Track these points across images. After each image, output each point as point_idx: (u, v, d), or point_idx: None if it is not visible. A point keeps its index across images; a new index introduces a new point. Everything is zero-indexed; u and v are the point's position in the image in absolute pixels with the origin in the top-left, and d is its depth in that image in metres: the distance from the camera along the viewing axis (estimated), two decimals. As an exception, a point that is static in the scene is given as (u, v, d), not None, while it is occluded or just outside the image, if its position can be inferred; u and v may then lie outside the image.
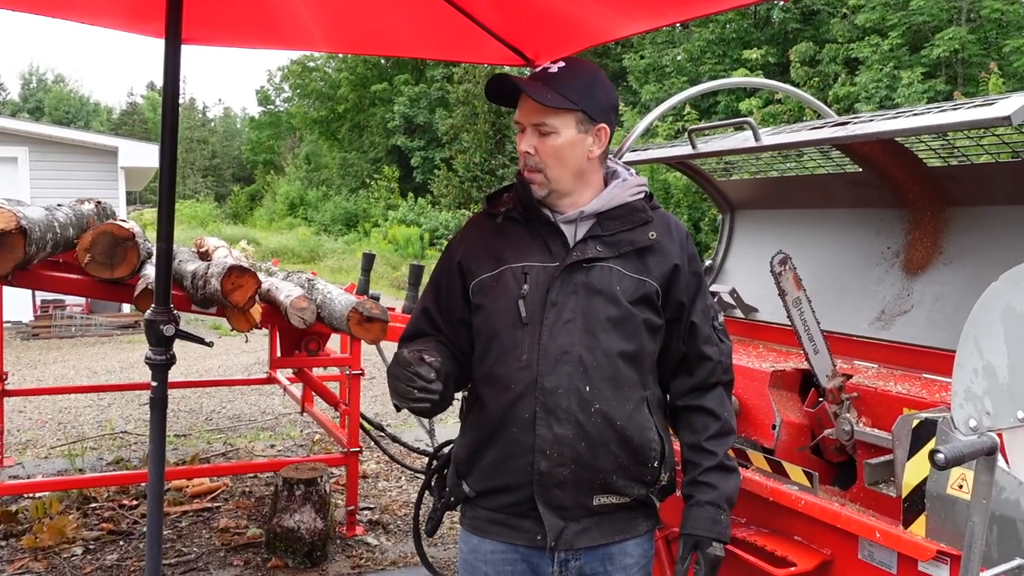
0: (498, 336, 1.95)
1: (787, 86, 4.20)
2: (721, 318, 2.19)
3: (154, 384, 2.64)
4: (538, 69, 2.01)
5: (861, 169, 3.52)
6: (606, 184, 2.07)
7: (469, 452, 2.00)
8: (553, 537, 1.90)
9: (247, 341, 8.19)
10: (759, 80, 4.58)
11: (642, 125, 3.50)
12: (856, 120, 2.78)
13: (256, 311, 4.10)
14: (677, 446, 2.18)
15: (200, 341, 2.94)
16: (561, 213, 2.01)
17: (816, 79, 20.00)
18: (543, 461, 1.88)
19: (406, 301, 5.01)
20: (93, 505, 5.26)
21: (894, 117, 2.61)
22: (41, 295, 13.30)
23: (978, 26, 19.38)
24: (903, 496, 2.20)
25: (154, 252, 4.03)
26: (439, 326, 2.08)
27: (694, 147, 3.40)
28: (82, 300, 13.47)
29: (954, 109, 2.44)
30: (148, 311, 2.63)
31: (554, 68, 1.97)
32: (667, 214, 2.11)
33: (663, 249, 2.01)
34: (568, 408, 1.88)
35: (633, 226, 2.00)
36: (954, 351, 2.69)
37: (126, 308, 14.02)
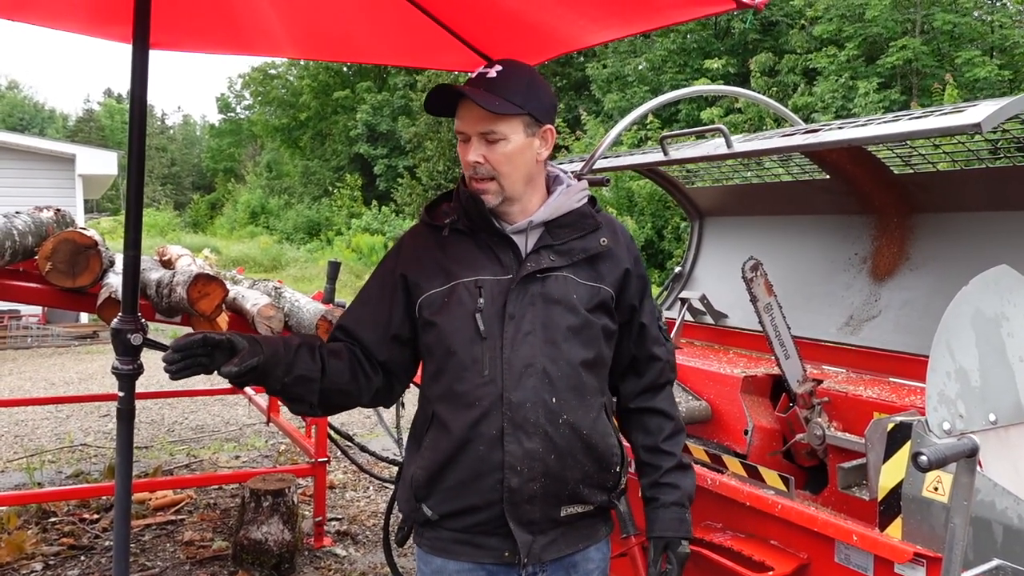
0: (455, 353, 1.88)
1: (764, 97, 4.24)
2: (663, 319, 2.20)
3: (121, 395, 2.56)
4: (474, 75, 1.94)
5: (829, 176, 3.57)
6: (549, 189, 2.04)
7: (429, 475, 1.90)
8: (525, 553, 1.87)
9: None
10: (732, 89, 4.62)
11: (615, 132, 3.51)
12: (827, 128, 2.81)
13: (223, 320, 4.02)
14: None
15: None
16: (510, 223, 1.97)
17: (775, 89, 20.28)
18: (514, 478, 1.84)
19: (325, 295, 4.94)
20: (53, 520, 5.14)
21: (864, 125, 2.64)
22: (-5, 305, 13.01)
23: (931, 38, 19.81)
24: (879, 499, 2.22)
25: (116, 261, 3.96)
26: (357, 340, 1.99)
27: (666, 154, 3.41)
28: (38, 310, 13.21)
29: (923, 117, 2.48)
30: (115, 320, 2.56)
31: (493, 72, 1.91)
32: (610, 217, 2.11)
33: (613, 254, 2.01)
34: (537, 422, 1.85)
35: (584, 233, 1.99)
36: (922, 356, 2.73)
37: (84, 318, 13.77)
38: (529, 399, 1.84)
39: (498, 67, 1.92)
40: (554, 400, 1.86)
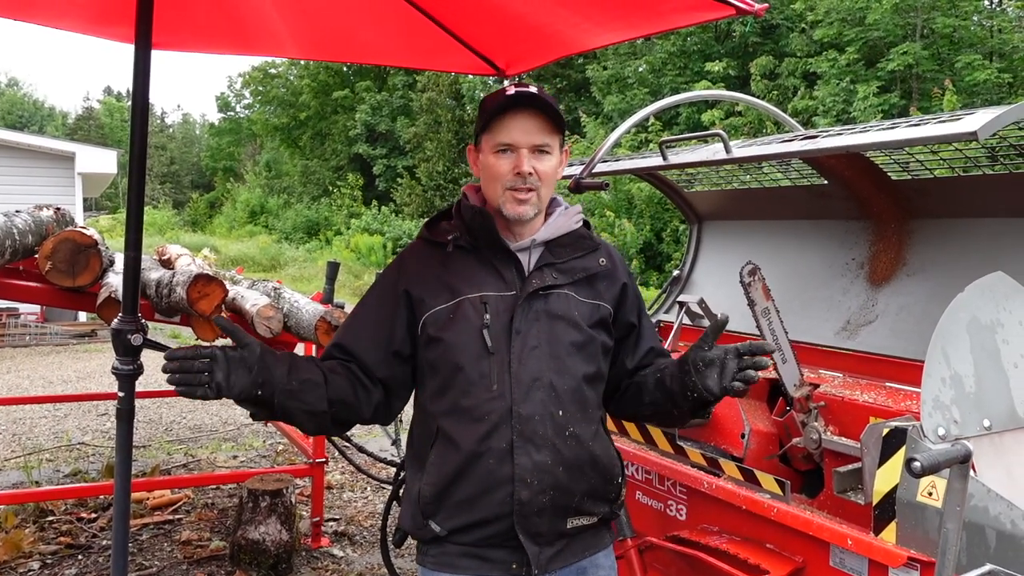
0: (462, 368, 1.90)
1: (763, 103, 4.25)
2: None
3: (121, 395, 2.58)
4: (521, 88, 1.94)
5: (827, 182, 3.58)
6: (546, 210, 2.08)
7: (437, 491, 1.89)
8: (536, 565, 1.89)
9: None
10: (731, 94, 4.63)
11: (614, 136, 3.52)
12: (825, 134, 2.82)
13: (222, 320, 4.03)
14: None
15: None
16: (515, 240, 2.00)
17: (775, 92, 20.31)
18: (524, 490, 1.85)
19: (324, 296, 4.96)
20: (50, 518, 5.14)
21: (863, 131, 2.66)
22: (-6, 303, 13.00)
23: (931, 42, 19.83)
24: (873, 504, 2.24)
25: (116, 260, 3.97)
26: (354, 357, 1.98)
27: (665, 158, 3.43)
28: (37, 308, 13.19)
29: (921, 124, 2.49)
30: (115, 320, 2.57)
31: (534, 89, 1.94)
32: (604, 241, 2.17)
33: (611, 274, 2.06)
34: (545, 434, 1.87)
35: (584, 253, 2.04)
36: (918, 361, 2.74)
37: (82, 317, 13.76)
38: (537, 412, 1.87)
39: (533, 88, 1.95)
40: (560, 413, 1.89)
